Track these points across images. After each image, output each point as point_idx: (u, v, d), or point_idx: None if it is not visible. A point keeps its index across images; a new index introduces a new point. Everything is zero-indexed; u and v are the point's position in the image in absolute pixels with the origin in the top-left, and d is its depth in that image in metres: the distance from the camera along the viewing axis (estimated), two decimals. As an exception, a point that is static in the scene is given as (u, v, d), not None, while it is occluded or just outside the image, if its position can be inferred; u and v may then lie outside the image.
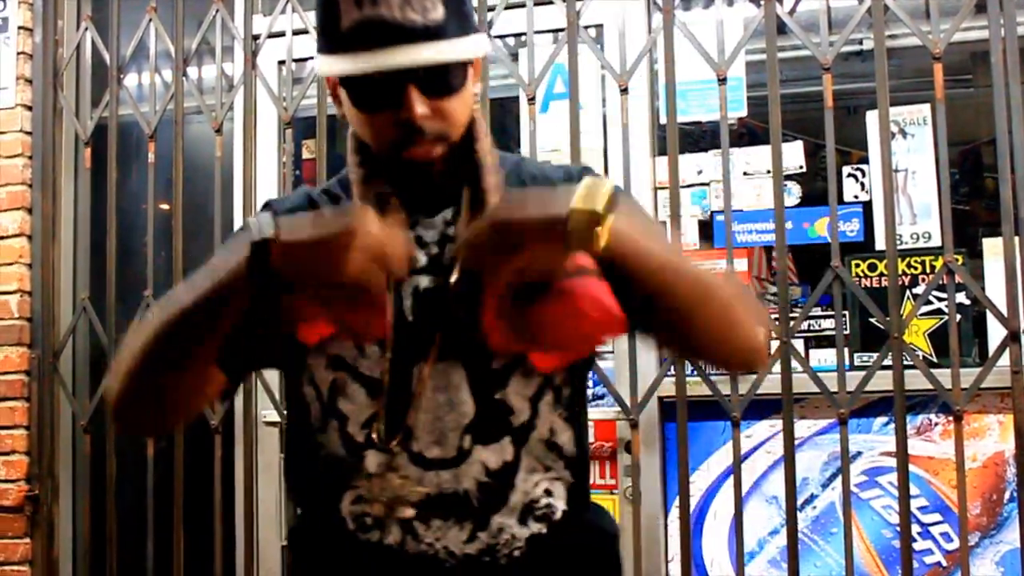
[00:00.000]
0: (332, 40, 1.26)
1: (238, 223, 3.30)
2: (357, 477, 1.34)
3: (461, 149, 1.34)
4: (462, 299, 1.27)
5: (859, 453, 2.96)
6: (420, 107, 1.24)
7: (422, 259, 1.34)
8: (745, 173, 3.15)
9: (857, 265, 3.07)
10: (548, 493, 1.36)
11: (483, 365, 1.32)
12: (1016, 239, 2.66)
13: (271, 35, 3.26)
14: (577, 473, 1.39)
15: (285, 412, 1.70)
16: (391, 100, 1.24)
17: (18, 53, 3.51)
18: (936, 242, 2.97)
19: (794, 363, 2.78)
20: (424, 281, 1.34)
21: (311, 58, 3.23)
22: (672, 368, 2.85)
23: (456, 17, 1.25)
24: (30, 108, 3.51)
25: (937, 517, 2.90)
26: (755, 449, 3.04)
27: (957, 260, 2.71)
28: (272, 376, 3.20)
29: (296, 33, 3.23)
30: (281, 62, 3.36)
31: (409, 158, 1.28)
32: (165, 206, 3.54)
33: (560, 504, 1.36)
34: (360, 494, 1.34)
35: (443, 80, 1.26)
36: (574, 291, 1.17)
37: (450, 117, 1.28)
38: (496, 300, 1.21)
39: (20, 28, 3.52)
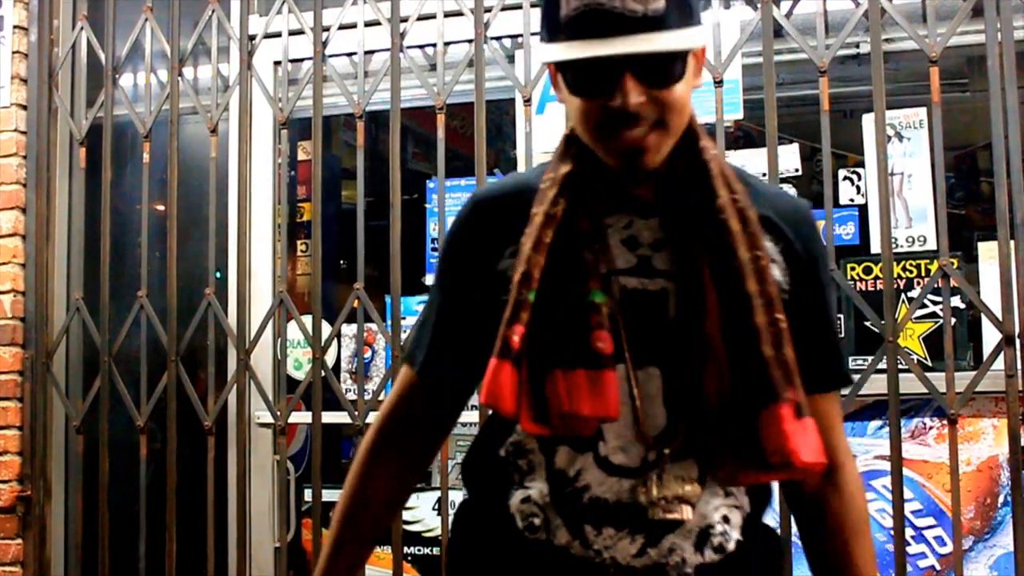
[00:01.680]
0: (552, 27, 1.29)
1: (232, 224, 3.30)
2: (536, 476, 1.37)
3: (683, 150, 1.35)
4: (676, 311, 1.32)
5: (854, 456, 2.96)
6: (635, 95, 1.25)
7: (632, 260, 1.36)
8: (741, 176, 3.15)
9: (852, 268, 3.07)
10: (725, 520, 1.36)
11: (681, 378, 1.32)
12: (1012, 243, 2.66)
13: (267, 35, 3.26)
14: (756, 503, 1.41)
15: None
16: (608, 88, 1.26)
17: (13, 52, 3.52)
18: (932, 246, 2.98)
19: (789, 366, 2.77)
20: (632, 282, 1.35)
21: (307, 59, 3.24)
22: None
23: (678, 8, 1.26)
24: (25, 107, 3.51)
25: (931, 521, 2.90)
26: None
27: (952, 264, 2.72)
28: (265, 378, 3.20)
29: (292, 34, 3.24)
30: (277, 63, 3.36)
31: (622, 142, 1.29)
32: (160, 207, 3.54)
33: (735, 534, 1.36)
34: (531, 496, 1.36)
35: (661, 69, 1.27)
36: (786, 430, 1.25)
37: (667, 105, 1.28)
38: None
39: (15, 27, 3.52)
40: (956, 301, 2.90)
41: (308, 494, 3.45)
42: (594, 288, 1.30)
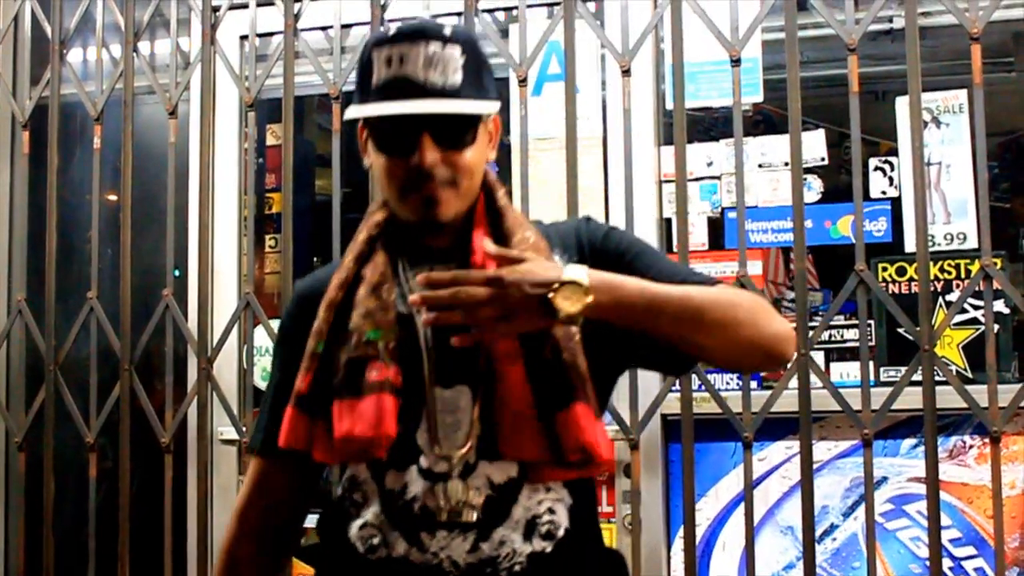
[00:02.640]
0: (364, 94, 1.63)
1: (193, 216, 3.29)
2: (370, 503, 1.66)
3: (482, 203, 1.70)
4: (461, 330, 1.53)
5: (885, 479, 2.97)
6: (431, 153, 1.58)
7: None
8: (760, 165, 3.15)
9: (884, 269, 3.08)
10: (551, 511, 1.63)
11: (489, 391, 1.61)
12: (1061, 241, 2.67)
13: (232, 7, 3.25)
14: (577, 496, 1.66)
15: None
16: (409, 146, 1.59)
17: (-52, 25, 3.51)
18: (972, 243, 2.98)
19: (813, 378, 2.78)
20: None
21: (277, 32, 3.23)
22: (677, 383, 2.84)
23: (473, 84, 1.60)
24: (-39, 86, 3.50)
25: (971, 550, 2.91)
26: (769, 473, 3.04)
27: (995, 264, 2.71)
28: (230, 389, 3.19)
29: (260, 4, 3.23)
30: (243, 37, 3.35)
31: (418, 196, 1.61)
32: (112, 197, 3.54)
33: (564, 522, 1.64)
34: (367, 520, 1.65)
35: (454, 133, 1.61)
36: (583, 427, 1.56)
37: (458, 166, 1.62)
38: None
39: (-50, -3, 3.51)
40: (999, 305, 2.90)
41: (277, 518, 3.44)
42: (368, 327, 1.60)
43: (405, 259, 1.68)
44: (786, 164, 2.98)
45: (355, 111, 1.64)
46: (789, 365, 2.77)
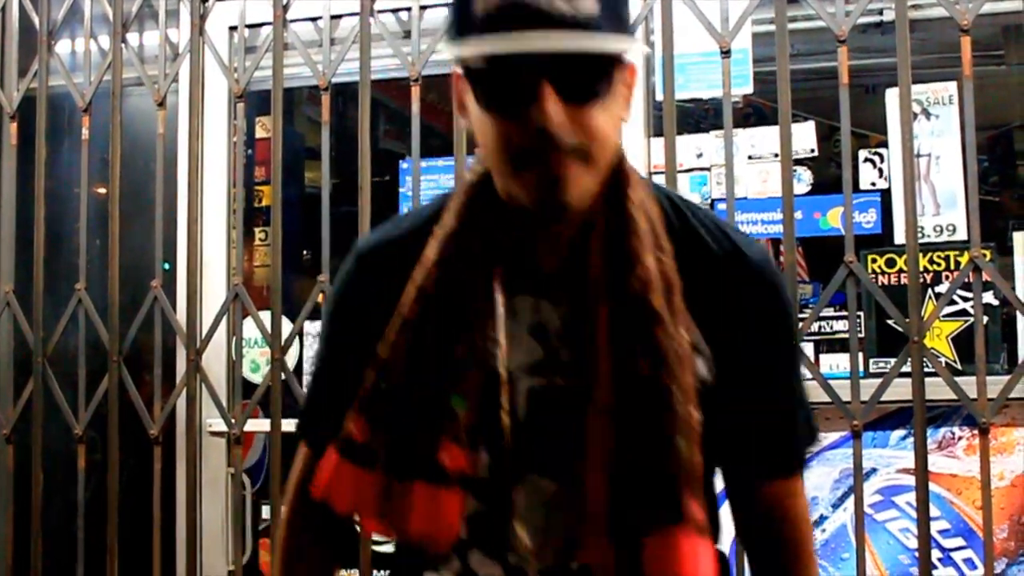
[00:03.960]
0: (463, 24, 1.23)
1: (182, 208, 3.29)
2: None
3: (606, 200, 1.31)
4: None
5: (874, 470, 2.97)
6: (554, 107, 1.19)
7: (539, 353, 1.33)
8: (750, 157, 3.15)
9: (874, 260, 3.08)
10: None
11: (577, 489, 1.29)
12: (1050, 233, 2.68)
13: (221, -3, 3.24)
14: None
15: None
16: (522, 99, 1.20)
17: (-65, 15, 3.49)
18: (962, 235, 2.99)
19: (803, 369, 2.78)
20: (537, 381, 1.33)
21: (266, 23, 3.22)
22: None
23: (610, 14, 1.21)
24: (-52, 77, 3.49)
25: (960, 541, 2.91)
26: (759, 465, 3.04)
27: (985, 256, 2.72)
28: (218, 381, 3.18)
29: (249, -5, 3.22)
30: (232, 28, 3.34)
31: (537, 171, 1.22)
32: (101, 189, 3.52)
33: None
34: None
35: (584, 81, 1.22)
36: (680, 551, 1.22)
37: (592, 131, 1.23)
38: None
39: (-63, -13, 3.49)
40: (988, 297, 2.91)
41: (266, 511, 3.44)
42: (457, 392, 1.28)
43: (501, 276, 1.32)
44: (776, 156, 2.98)
45: (449, 50, 1.27)
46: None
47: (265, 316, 3.11)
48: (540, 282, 1.33)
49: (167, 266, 3.35)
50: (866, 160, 3.14)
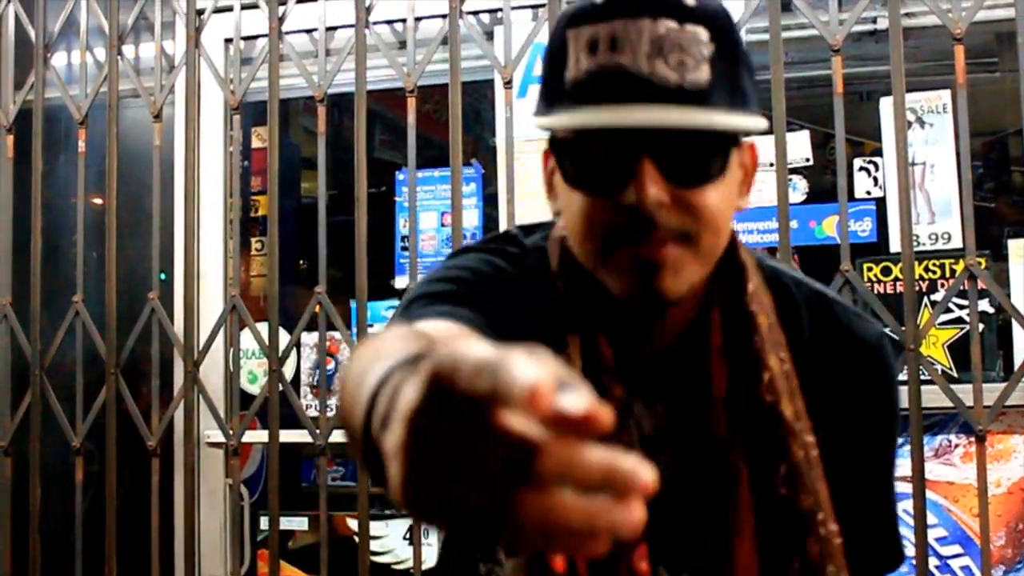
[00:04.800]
0: (553, 93, 1.10)
1: (179, 220, 3.28)
2: None
3: (719, 293, 1.17)
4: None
5: None
6: (654, 188, 1.03)
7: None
8: (745, 166, 3.15)
9: (869, 269, 3.08)
10: None
11: None
12: (1045, 240, 2.68)
13: (217, 10, 3.23)
14: None
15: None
16: (619, 179, 1.05)
17: (-69, 28, 3.49)
18: (957, 243, 2.99)
19: (799, 378, 2.78)
20: None
21: (262, 35, 3.22)
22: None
23: (727, 85, 1.06)
24: (-55, 90, 3.48)
25: (957, 549, 2.91)
26: (756, 473, 3.04)
27: (980, 263, 2.72)
28: (216, 393, 3.18)
29: (245, 8, 3.22)
30: (228, 40, 3.35)
31: (631, 255, 1.07)
32: (97, 200, 3.52)
33: None
34: None
35: (695, 160, 1.07)
36: None
37: (697, 212, 1.07)
38: None
39: (-66, 0, 3.49)
40: (984, 305, 2.90)
41: (264, 522, 3.43)
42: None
43: (623, 369, 1.15)
44: (771, 165, 2.98)
45: (544, 123, 1.11)
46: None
47: (262, 327, 3.11)
48: (635, 377, 1.17)
49: (164, 277, 3.35)
50: (861, 169, 3.14)
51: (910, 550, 2.80)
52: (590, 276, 1.13)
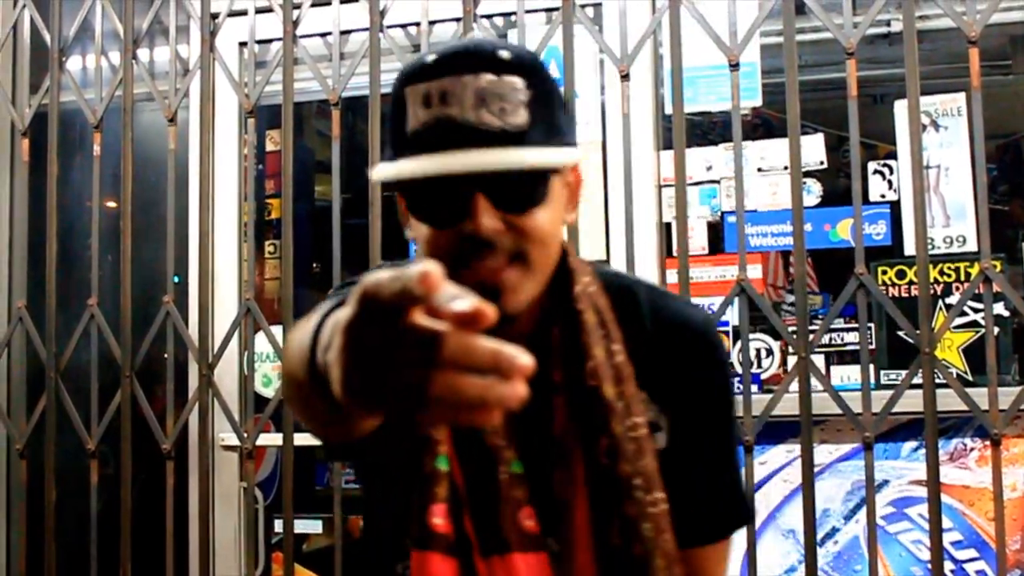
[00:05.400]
0: (398, 143, 1.26)
1: (193, 223, 3.30)
2: None
3: (551, 300, 1.33)
4: None
5: (886, 481, 2.97)
6: (488, 219, 1.22)
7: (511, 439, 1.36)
8: (759, 169, 3.15)
9: (884, 272, 3.08)
10: None
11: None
12: (1061, 243, 2.67)
13: (231, 14, 3.25)
14: None
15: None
16: (458, 212, 1.23)
17: (-52, 33, 3.50)
18: (972, 246, 2.98)
19: (814, 381, 2.77)
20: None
21: (276, 39, 3.23)
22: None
23: (543, 124, 1.24)
24: (-39, 94, 3.50)
25: (973, 553, 2.90)
26: (770, 477, 3.04)
27: (995, 266, 2.71)
28: (230, 395, 3.19)
29: (259, 11, 3.23)
30: (242, 44, 3.35)
31: (474, 277, 1.23)
32: (112, 204, 3.53)
33: None
34: None
35: (519, 191, 1.25)
36: None
37: (527, 234, 1.25)
38: None
39: (-50, 5, 3.51)
40: (999, 308, 2.90)
41: (278, 525, 3.43)
42: (513, 457, 1.31)
43: None
44: (785, 168, 2.98)
45: (382, 172, 1.27)
46: (790, 368, 2.78)
47: (276, 330, 3.12)
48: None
49: (179, 280, 3.36)
50: (875, 172, 3.13)
51: (925, 554, 2.80)
52: None
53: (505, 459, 1.30)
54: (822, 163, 3.12)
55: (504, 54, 1.24)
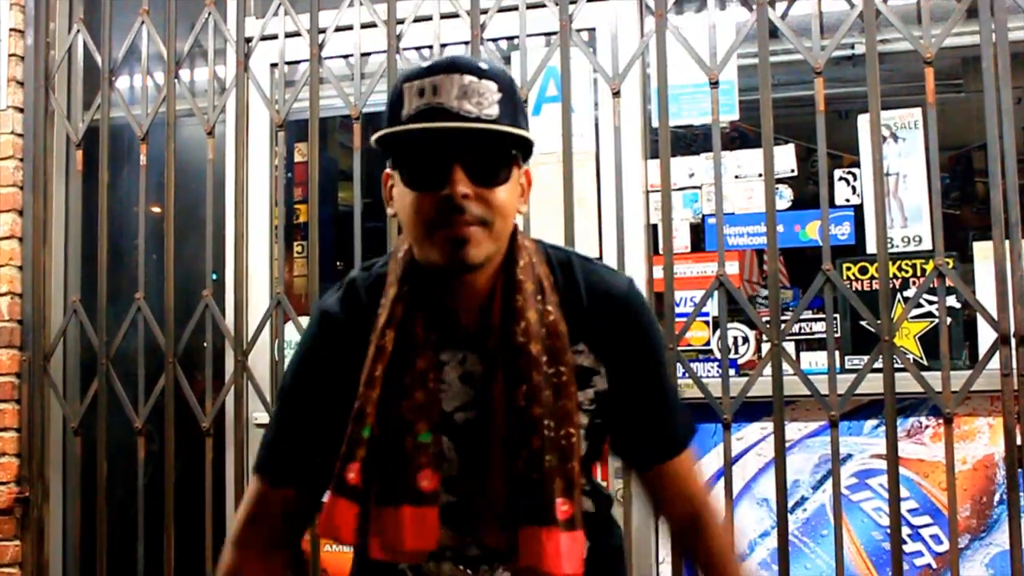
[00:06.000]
0: (394, 124, 1.40)
1: (229, 225, 3.31)
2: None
3: (502, 269, 1.47)
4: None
5: (849, 455, 2.98)
6: (462, 186, 1.36)
7: (469, 395, 1.48)
8: (737, 176, 3.16)
9: (848, 268, 3.08)
10: None
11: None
12: (1006, 243, 2.68)
13: (263, 38, 3.27)
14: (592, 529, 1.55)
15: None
16: (438, 179, 1.37)
17: (9, 55, 3.52)
18: (927, 245, 2.99)
19: (785, 366, 2.79)
20: (469, 415, 1.48)
21: (303, 61, 3.25)
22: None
23: (509, 117, 1.39)
24: (21, 110, 3.52)
25: (927, 519, 2.92)
26: (746, 451, 3.05)
27: (948, 263, 2.73)
28: (263, 379, 3.20)
29: (288, 36, 3.25)
30: (273, 65, 3.37)
31: (448, 232, 1.38)
32: (156, 209, 3.55)
33: None
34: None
35: (488, 168, 1.39)
36: (542, 543, 1.40)
37: (491, 205, 1.39)
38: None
39: (11, 30, 3.53)
40: (952, 301, 2.91)
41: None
42: (423, 429, 1.42)
43: (436, 335, 1.46)
44: (759, 175, 3.00)
45: (382, 134, 1.41)
46: (764, 354, 2.79)
47: (304, 320, 3.13)
48: (465, 339, 1.48)
49: (216, 277, 3.37)
50: (840, 179, 3.14)
51: (884, 520, 2.82)
52: (423, 269, 1.46)
53: (415, 430, 1.42)
54: (793, 171, 3.13)
55: (483, 65, 1.40)
